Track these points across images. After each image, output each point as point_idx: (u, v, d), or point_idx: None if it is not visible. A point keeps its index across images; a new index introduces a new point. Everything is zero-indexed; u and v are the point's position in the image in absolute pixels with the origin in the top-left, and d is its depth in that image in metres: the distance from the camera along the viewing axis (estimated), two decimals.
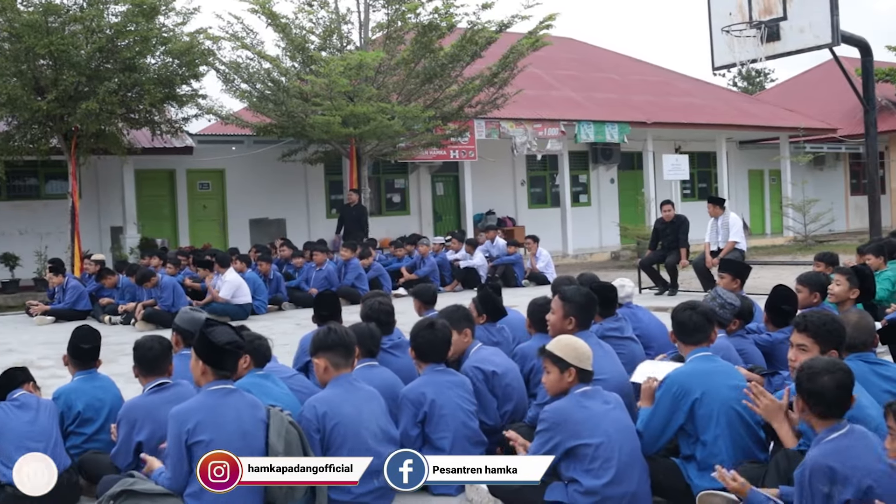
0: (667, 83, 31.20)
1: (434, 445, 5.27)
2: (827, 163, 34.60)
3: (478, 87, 19.85)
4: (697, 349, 5.10)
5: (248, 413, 4.59)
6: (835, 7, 15.34)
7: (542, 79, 26.81)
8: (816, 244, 26.55)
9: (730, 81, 59.53)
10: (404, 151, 20.98)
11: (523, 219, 26.99)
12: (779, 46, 16.36)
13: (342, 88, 17.65)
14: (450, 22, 19.22)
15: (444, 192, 26.32)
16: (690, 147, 29.76)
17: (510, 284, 16.91)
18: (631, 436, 4.75)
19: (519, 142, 23.63)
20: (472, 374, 5.78)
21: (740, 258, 14.25)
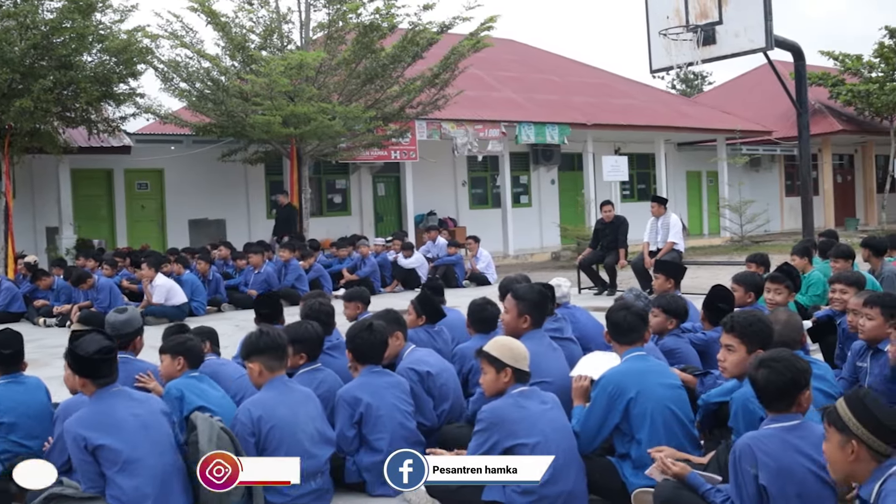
0: (607, 85, 31.50)
1: (371, 447, 5.28)
2: (762, 164, 35.20)
3: (419, 87, 19.86)
4: (632, 349, 5.16)
5: (143, 408, 4.61)
6: (768, 12, 15.62)
7: (484, 80, 26.91)
8: (752, 244, 26.99)
9: (669, 84, 60.34)
10: (345, 152, 20.91)
11: (464, 219, 27.06)
12: (715, 50, 16.63)
13: (283, 88, 17.54)
14: (391, 22, 19.20)
15: (386, 192, 26.29)
16: (630, 148, 30.09)
17: (451, 285, 16.94)
18: (568, 435, 4.80)
19: (460, 143, 23.70)
20: (407, 376, 5.80)
21: (678, 259, 14.44)
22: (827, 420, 3.55)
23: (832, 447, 3.52)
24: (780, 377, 3.97)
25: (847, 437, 3.45)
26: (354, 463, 5.32)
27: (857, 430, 3.42)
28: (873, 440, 3.41)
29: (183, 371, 5.51)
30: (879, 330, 5.61)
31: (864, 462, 3.44)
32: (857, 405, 3.46)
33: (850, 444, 3.45)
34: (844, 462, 3.48)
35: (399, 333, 6.13)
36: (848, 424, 3.45)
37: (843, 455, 3.47)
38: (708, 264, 19.00)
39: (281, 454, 4.77)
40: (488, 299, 6.74)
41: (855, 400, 3.49)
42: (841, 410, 3.49)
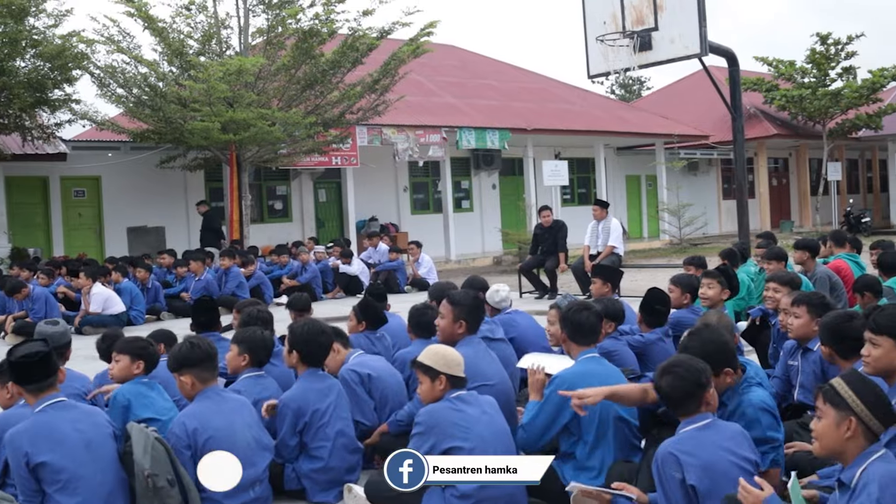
0: (546, 90, 31.73)
1: (311, 455, 5.27)
2: (700, 168, 35.71)
3: (359, 93, 19.83)
4: (587, 350, 5.21)
5: (87, 422, 4.55)
6: (703, 19, 15.83)
7: (424, 85, 26.96)
8: (691, 247, 27.40)
9: (608, 89, 60.97)
10: (286, 158, 20.79)
11: (406, 225, 27.07)
12: (651, 56, 16.79)
13: (221, 94, 17.40)
14: (330, 28, 19.16)
15: (327, 198, 26.20)
16: (570, 153, 30.32)
17: (392, 291, 16.91)
18: (506, 439, 4.82)
19: (401, 148, 23.72)
20: (348, 377, 5.80)
21: (618, 263, 14.62)
22: (823, 397, 3.57)
23: (827, 425, 3.53)
24: (684, 381, 4.08)
25: (845, 415, 3.49)
26: (294, 470, 5.29)
27: (857, 407, 3.47)
28: (870, 418, 3.46)
29: (138, 375, 5.46)
30: (807, 328, 5.72)
31: (856, 440, 3.48)
32: (858, 382, 3.53)
33: (847, 421, 3.48)
34: (838, 440, 3.50)
35: (337, 346, 6.13)
36: (847, 401, 3.49)
37: (839, 433, 3.50)
38: (648, 267, 19.27)
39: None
40: (428, 304, 6.78)
41: (855, 378, 3.56)
42: (840, 388, 3.53)
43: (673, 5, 16.28)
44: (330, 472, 5.24)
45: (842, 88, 33.00)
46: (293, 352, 5.46)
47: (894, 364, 4.19)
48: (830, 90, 33.00)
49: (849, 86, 33.04)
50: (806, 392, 5.74)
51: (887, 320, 4.22)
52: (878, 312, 4.30)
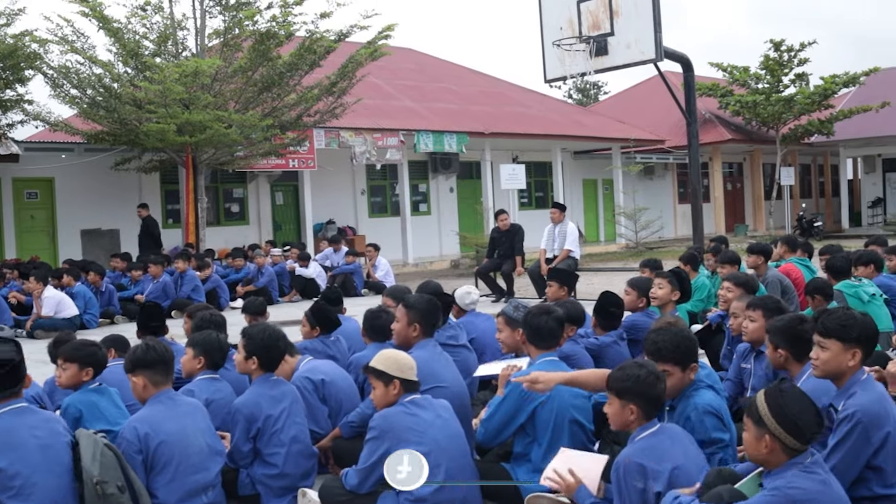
0: (504, 94, 31.83)
1: (266, 461, 5.23)
2: (656, 172, 36.02)
3: (316, 96, 19.77)
4: (546, 353, 5.23)
5: (45, 429, 4.47)
6: (658, 25, 16.00)
7: (382, 88, 26.93)
8: (647, 250, 27.61)
9: (565, 94, 61.31)
10: (242, 160, 20.66)
11: (364, 228, 27.02)
12: (607, 61, 16.94)
13: (177, 96, 17.25)
14: (288, 30, 19.08)
15: (284, 201, 26.08)
16: (527, 157, 30.48)
17: (349, 294, 16.92)
18: (460, 442, 4.83)
19: (358, 151, 23.66)
20: (302, 385, 5.78)
21: (574, 266, 14.70)
22: (746, 412, 3.65)
23: (749, 437, 3.61)
24: (636, 385, 4.15)
25: (762, 431, 3.55)
26: (248, 475, 5.25)
27: (771, 425, 3.53)
28: (786, 437, 3.51)
29: (87, 380, 5.39)
30: (761, 332, 5.78)
31: (777, 455, 3.55)
32: (775, 402, 3.56)
33: (765, 438, 3.54)
34: (759, 453, 3.58)
35: (286, 357, 6.11)
36: (764, 419, 3.55)
37: (759, 446, 3.57)
38: (604, 271, 19.40)
39: (171, 469, 4.69)
40: (383, 307, 6.78)
41: (773, 395, 3.59)
42: (759, 405, 3.59)
43: (629, 11, 16.43)
44: (285, 479, 5.21)
45: (795, 94, 33.48)
46: (251, 357, 5.39)
47: (842, 367, 4.25)
48: (783, 96, 33.47)
49: (801, 92, 33.52)
50: None
51: (835, 323, 4.27)
52: (825, 316, 4.35)
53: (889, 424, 3.99)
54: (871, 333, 4.29)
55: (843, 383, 4.23)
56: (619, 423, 4.20)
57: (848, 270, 8.67)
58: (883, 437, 3.96)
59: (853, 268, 8.83)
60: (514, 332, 5.98)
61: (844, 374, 4.25)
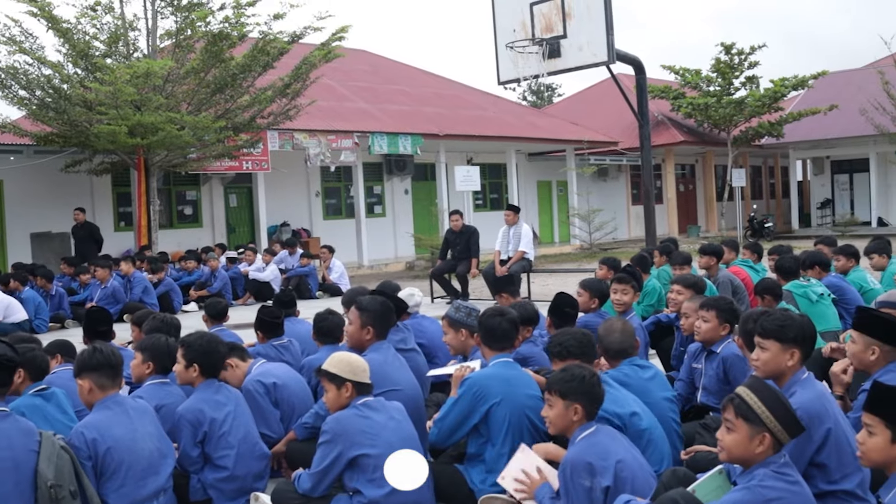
0: (458, 96, 31.90)
1: (216, 464, 5.21)
2: (610, 174, 36.29)
3: (270, 97, 19.66)
4: (500, 355, 5.25)
5: (20, 441, 4.30)
6: (610, 27, 16.14)
7: (336, 90, 26.88)
8: (601, 251, 27.77)
9: (520, 96, 61.58)
10: (195, 162, 20.48)
11: (318, 230, 26.94)
12: (560, 63, 17.06)
13: (128, 97, 17.06)
14: (241, 31, 18.95)
15: (238, 203, 25.92)
16: (482, 159, 30.55)
17: (304, 296, 16.86)
18: (414, 445, 4.84)
19: (312, 153, 23.58)
20: (253, 388, 5.76)
21: (528, 267, 14.80)
22: (735, 411, 3.57)
23: (739, 439, 3.53)
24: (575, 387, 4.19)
25: (758, 430, 3.50)
26: (199, 480, 5.23)
27: (770, 423, 3.49)
28: (781, 431, 3.51)
29: (24, 384, 5.31)
30: (714, 332, 5.87)
31: (766, 452, 3.52)
32: (768, 395, 3.55)
33: (761, 436, 3.50)
34: (749, 452, 3.52)
35: (235, 360, 6.08)
36: (760, 415, 3.50)
37: (751, 445, 3.51)
38: (559, 272, 19.50)
39: (121, 475, 4.64)
40: (331, 310, 6.80)
41: (763, 389, 3.58)
42: (750, 401, 3.54)
43: (581, 14, 16.55)
44: (236, 481, 5.19)
45: (745, 97, 33.88)
46: (192, 365, 5.34)
47: (781, 367, 4.33)
48: (734, 98, 33.85)
49: (752, 94, 33.94)
50: (709, 394, 5.89)
51: (773, 324, 4.35)
52: (765, 317, 4.43)
53: (829, 421, 4.05)
54: (808, 334, 4.37)
55: (784, 383, 4.30)
56: (562, 426, 4.21)
57: (796, 271, 8.81)
58: (824, 434, 4.02)
59: (802, 269, 8.97)
60: (457, 333, 6.01)
61: (784, 373, 4.32)
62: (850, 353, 4.66)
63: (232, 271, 17.22)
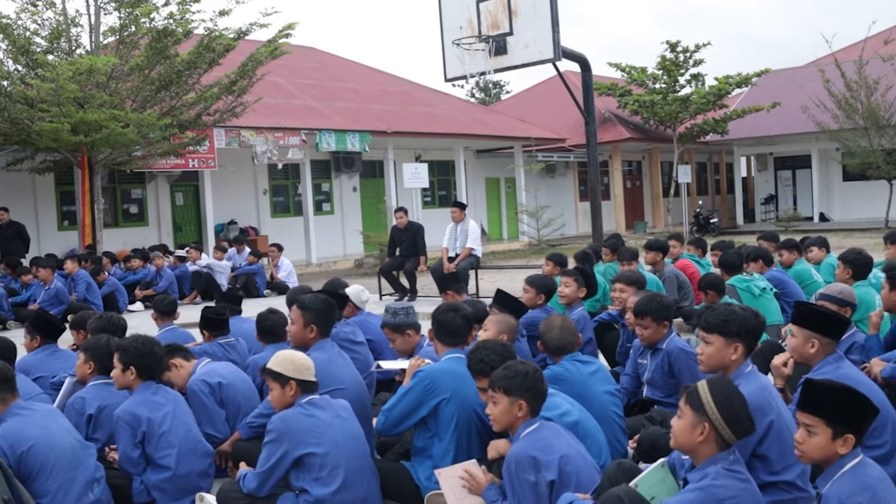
0: (406, 93, 31.88)
1: (158, 464, 5.16)
2: (557, 171, 36.51)
3: (216, 94, 19.47)
4: (453, 350, 5.26)
5: None
6: (556, 25, 16.24)
7: (283, 87, 26.72)
8: (549, 248, 27.93)
9: (468, 93, 61.66)
10: (140, 160, 20.24)
11: (266, 228, 26.78)
12: (506, 60, 17.13)
13: (71, 94, 16.82)
14: (186, 28, 18.75)
15: (184, 201, 25.68)
16: (430, 156, 30.58)
17: (252, 295, 16.78)
18: (360, 442, 4.83)
19: (259, 150, 23.43)
20: (198, 388, 5.72)
21: (476, 264, 14.85)
22: (685, 398, 3.66)
23: (684, 424, 3.62)
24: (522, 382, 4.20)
25: (700, 419, 3.58)
26: (142, 482, 5.18)
27: (712, 415, 3.55)
28: (723, 427, 3.55)
29: None
30: (656, 334, 5.92)
31: (708, 444, 3.58)
32: (720, 391, 3.61)
33: (702, 425, 3.57)
34: (692, 441, 3.60)
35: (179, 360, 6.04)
36: (705, 407, 3.57)
37: (693, 434, 3.59)
38: (507, 268, 19.58)
39: (48, 471, 4.60)
40: (272, 309, 6.79)
41: (719, 385, 3.64)
42: (702, 392, 3.61)
43: (527, 11, 16.62)
44: (179, 480, 5.15)
45: (690, 94, 34.30)
46: (128, 368, 5.28)
47: (725, 360, 4.39)
48: (680, 96, 34.25)
49: (697, 92, 34.37)
50: (654, 389, 5.96)
51: (717, 319, 4.42)
52: (708, 312, 4.50)
53: (772, 413, 4.12)
54: (752, 328, 4.43)
55: (728, 376, 4.36)
56: (506, 422, 4.22)
57: (740, 265, 8.94)
58: (766, 426, 4.09)
59: (745, 263, 9.10)
60: (403, 336, 6.02)
61: (728, 367, 4.39)
62: (790, 346, 4.75)
63: (179, 270, 17.05)
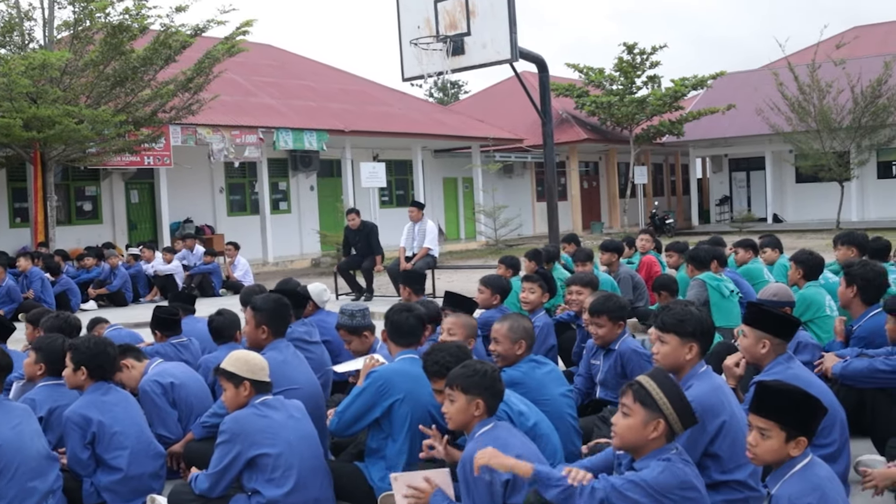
0: (364, 92, 31.81)
1: (109, 465, 5.11)
2: (515, 171, 36.61)
3: (172, 91, 19.31)
4: (406, 351, 5.26)
5: None
6: (513, 25, 16.28)
7: (240, 85, 26.55)
8: (507, 248, 28.03)
9: (426, 92, 61.67)
10: (95, 157, 19.99)
11: (222, 226, 26.58)
12: (464, 60, 17.14)
13: (24, 89, 16.58)
14: (141, 23, 18.56)
15: (139, 199, 25.41)
16: (388, 155, 30.54)
17: (207, 294, 16.67)
18: (313, 443, 4.82)
19: (216, 148, 23.26)
20: (150, 388, 5.67)
21: (433, 264, 14.86)
22: (633, 396, 3.65)
23: (634, 423, 3.62)
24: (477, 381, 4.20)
25: (654, 415, 3.59)
26: (92, 484, 5.11)
27: (666, 410, 3.58)
28: (676, 420, 3.59)
29: None
30: (611, 333, 5.95)
31: (658, 441, 3.61)
32: (667, 384, 3.64)
33: (656, 421, 3.59)
34: (643, 438, 3.61)
35: (130, 361, 5.97)
36: (657, 401, 3.59)
37: (645, 431, 3.60)
38: (464, 268, 19.59)
39: (9, 474, 4.55)
40: (221, 310, 6.77)
41: (663, 378, 3.67)
42: (651, 388, 3.63)
43: (485, 11, 16.64)
44: (131, 482, 5.10)
45: (647, 96, 34.58)
46: (79, 368, 5.22)
47: (680, 360, 4.43)
48: (636, 97, 34.52)
49: (654, 93, 34.67)
50: (607, 390, 6.00)
51: (672, 318, 4.46)
52: (664, 312, 4.54)
53: (725, 414, 4.17)
54: (706, 328, 4.48)
55: (683, 376, 4.41)
56: (462, 421, 4.21)
57: (709, 262, 8.94)
58: (718, 425, 4.15)
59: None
60: (360, 337, 6.00)
61: (683, 367, 4.43)
62: (742, 346, 4.82)
63: (134, 269, 16.88)
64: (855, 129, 31.30)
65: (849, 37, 36.74)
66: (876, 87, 30.96)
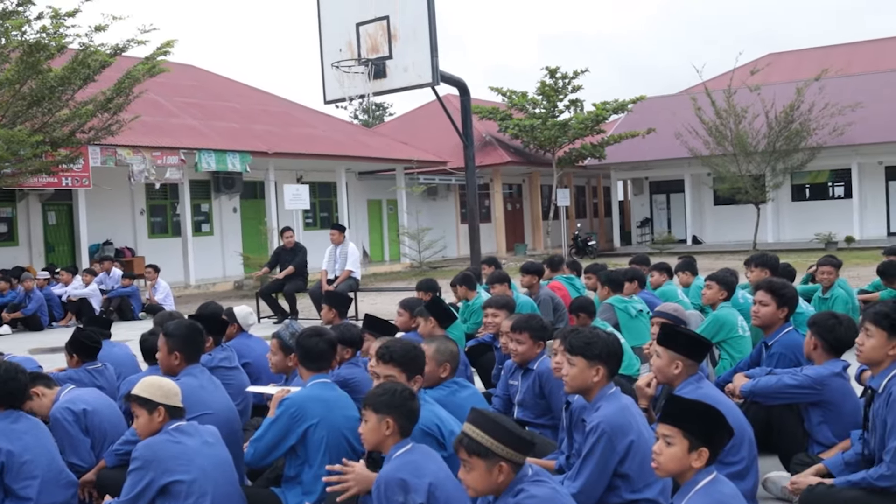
0: (288, 114, 31.71)
1: (18, 495, 4.97)
2: (439, 193, 36.77)
3: (91, 111, 18.98)
4: (318, 375, 5.25)
5: None
6: (434, 49, 16.44)
7: (162, 105, 26.26)
8: (431, 270, 28.14)
9: (351, 114, 61.67)
10: (10, 178, 19.55)
11: (143, 249, 26.21)
12: (386, 83, 17.26)
13: None
14: (59, 42, 18.23)
15: (57, 221, 24.93)
16: (312, 177, 30.46)
17: (126, 317, 16.41)
18: (228, 469, 4.78)
19: (136, 170, 22.95)
20: (62, 416, 5.57)
21: (355, 286, 14.85)
22: (465, 451, 3.62)
23: (478, 475, 3.60)
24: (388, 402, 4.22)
25: (493, 462, 3.57)
26: None
27: (502, 451, 3.56)
28: (514, 455, 3.58)
29: None
30: (530, 352, 6.02)
31: (506, 476, 3.60)
32: (490, 425, 3.61)
33: (498, 466, 3.57)
34: (493, 484, 3.60)
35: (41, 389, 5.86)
36: (492, 449, 3.56)
37: (491, 479, 3.58)
38: (388, 290, 19.61)
39: None
40: (153, 330, 6.67)
41: (482, 419, 3.64)
42: (478, 437, 3.59)
43: (406, 35, 16.78)
44: None
45: (569, 119, 35.03)
46: None
47: (588, 382, 4.53)
48: (559, 121, 34.95)
49: (576, 117, 35.13)
50: (525, 409, 6.06)
51: (580, 341, 4.55)
52: (573, 335, 4.63)
53: (632, 433, 4.28)
54: (613, 350, 4.58)
55: (592, 397, 4.51)
56: (374, 441, 4.22)
57: (622, 285, 9.17)
58: (627, 445, 4.25)
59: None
60: (286, 357, 5.99)
61: (591, 389, 4.53)
62: (655, 367, 4.92)
63: (46, 291, 16.55)
64: (770, 152, 32.12)
65: (762, 63, 37.79)
66: (789, 112, 31.83)
